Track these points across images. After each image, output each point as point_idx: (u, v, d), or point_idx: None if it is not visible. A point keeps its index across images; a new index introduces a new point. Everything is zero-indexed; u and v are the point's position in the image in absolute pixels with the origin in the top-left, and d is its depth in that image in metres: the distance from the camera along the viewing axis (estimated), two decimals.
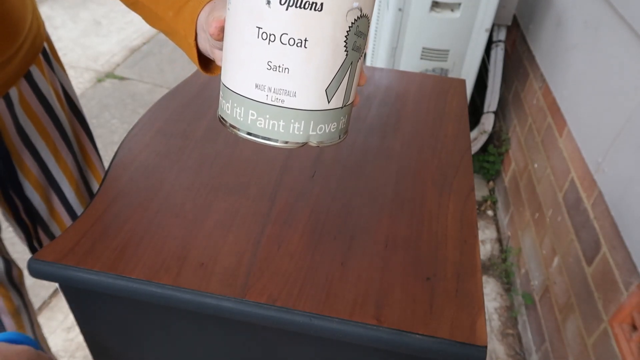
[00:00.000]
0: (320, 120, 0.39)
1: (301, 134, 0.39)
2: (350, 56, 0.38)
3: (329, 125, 0.40)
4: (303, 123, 0.39)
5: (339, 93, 0.39)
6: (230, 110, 0.40)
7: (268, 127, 0.39)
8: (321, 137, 0.40)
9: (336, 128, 0.41)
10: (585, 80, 1.32)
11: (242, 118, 0.39)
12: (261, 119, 0.38)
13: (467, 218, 0.56)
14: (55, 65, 0.72)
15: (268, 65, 0.36)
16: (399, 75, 0.83)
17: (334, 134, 0.41)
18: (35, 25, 0.64)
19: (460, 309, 0.46)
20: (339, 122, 0.41)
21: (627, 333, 0.99)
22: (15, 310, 0.64)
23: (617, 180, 1.08)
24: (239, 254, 0.50)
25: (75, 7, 3.29)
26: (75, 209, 0.77)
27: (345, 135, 0.43)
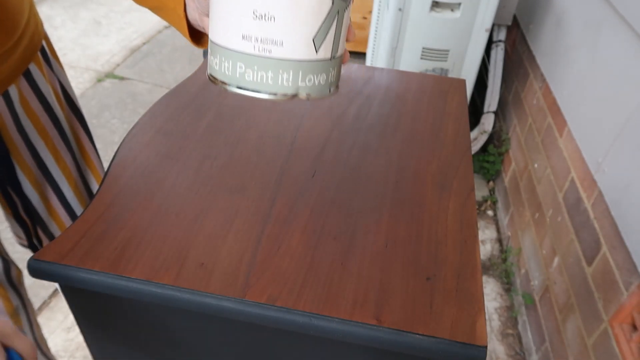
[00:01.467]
0: (309, 70, 0.39)
1: (290, 85, 0.39)
2: (337, 4, 0.38)
3: (317, 76, 0.40)
4: (291, 73, 0.38)
5: (327, 43, 0.39)
6: (219, 65, 0.40)
7: (257, 80, 0.38)
8: (310, 89, 0.40)
9: (325, 80, 0.41)
10: (586, 80, 1.32)
11: (231, 72, 0.39)
12: (249, 71, 0.38)
13: (467, 218, 0.56)
14: (54, 64, 0.72)
15: (254, 14, 0.36)
16: (399, 75, 0.83)
17: (324, 87, 0.41)
18: (33, 22, 0.64)
19: (460, 309, 0.46)
20: (328, 75, 0.41)
21: (627, 333, 0.99)
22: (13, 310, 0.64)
23: (618, 180, 1.08)
24: (239, 254, 0.50)
25: (75, 7, 3.29)
26: (74, 208, 0.77)
27: (336, 91, 0.43)
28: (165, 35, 3.04)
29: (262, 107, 0.71)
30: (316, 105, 0.73)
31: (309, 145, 0.65)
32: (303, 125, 0.69)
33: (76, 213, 0.78)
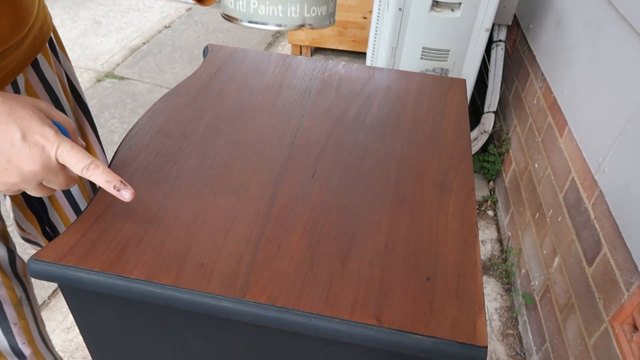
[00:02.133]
0: (313, 2, 0.46)
1: (297, 16, 0.45)
2: None
3: (320, 7, 0.46)
4: (298, 6, 0.45)
5: None
6: (234, 4, 0.46)
7: (268, 13, 0.45)
8: (314, 19, 0.46)
9: (326, 11, 0.48)
10: (586, 80, 1.32)
11: (245, 9, 0.45)
12: (262, 6, 0.45)
13: (467, 218, 0.56)
14: (61, 55, 0.73)
15: None
16: (399, 75, 0.83)
17: (325, 17, 0.48)
18: (42, 14, 0.65)
19: (460, 309, 0.46)
20: (328, 6, 0.48)
21: (628, 333, 0.99)
22: (17, 301, 0.64)
23: (618, 180, 1.08)
24: (239, 254, 0.50)
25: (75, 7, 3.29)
26: (78, 202, 0.77)
27: (334, 20, 0.50)
28: (165, 35, 3.04)
29: (262, 107, 0.71)
30: (316, 105, 0.73)
31: (309, 145, 0.65)
32: (303, 125, 0.69)
33: (80, 207, 0.78)
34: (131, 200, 0.49)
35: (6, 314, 0.63)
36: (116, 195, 0.48)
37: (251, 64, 0.81)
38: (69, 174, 0.48)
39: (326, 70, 0.81)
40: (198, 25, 3.18)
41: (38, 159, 0.44)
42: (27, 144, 0.44)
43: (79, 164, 0.46)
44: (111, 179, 0.47)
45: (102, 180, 0.47)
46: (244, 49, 0.85)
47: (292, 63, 0.82)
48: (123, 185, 0.48)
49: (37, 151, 0.44)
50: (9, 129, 0.43)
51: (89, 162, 0.46)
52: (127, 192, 0.48)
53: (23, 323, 0.65)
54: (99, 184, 0.47)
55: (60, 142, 0.45)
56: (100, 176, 0.47)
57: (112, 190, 0.48)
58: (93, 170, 0.46)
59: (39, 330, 0.69)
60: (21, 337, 0.65)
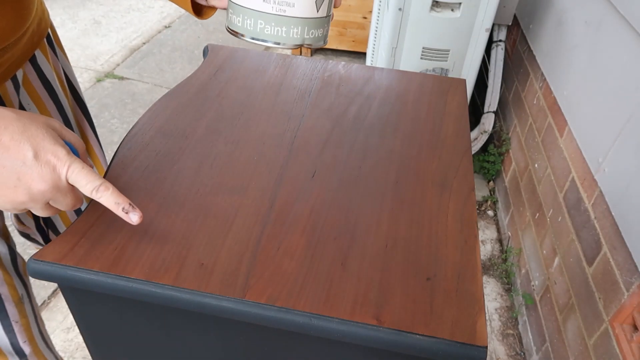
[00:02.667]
0: (312, 26, 0.52)
1: (298, 37, 0.52)
2: None
3: (317, 30, 0.53)
4: (299, 28, 0.51)
5: (324, 5, 0.52)
6: (241, 22, 0.52)
7: (273, 33, 0.51)
8: (312, 40, 0.53)
9: (322, 33, 0.54)
10: (586, 80, 1.32)
11: (252, 27, 0.51)
12: (268, 27, 0.51)
13: (467, 218, 0.56)
14: (59, 52, 0.73)
15: None
16: (399, 75, 0.83)
17: (320, 38, 0.54)
18: (39, 10, 0.65)
19: (460, 309, 0.46)
20: (324, 29, 0.54)
21: (628, 333, 0.99)
22: (18, 299, 0.64)
23: (618, 180, 1.08)
24: (239, 254, 0.50)
25: (75, 7, 3.29)
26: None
27: (327, 41, 0.56)
28: (165, 35, 3.04)
29: (262, 107, 0.71)
30: (316, 105, 0.73)
31: (309, 145, 0.65)
32: (303, 125, 0.69)
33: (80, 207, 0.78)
34: (139, 223, 0.49)
35: (7, 311, 0.63)
36: (124, 217, 0.48)
37: (251, 64, 0.81)
38: (77, 194, 0.48)
39: (326, 70, 0.81)
40: (198, 25, 3.17)
41: (48, 178, 0.44)
42: (39, 163, 0.44)
43: (89, 185, 0.46)
44: (120, 201, 0.47)
45: (111, 202, 0.47)
46: (244, 49, 0.85)
47: (292, 63, 0.82)
48: (132, 207, 0.48)
49: (48, 170, 0.44)
50: (22, 147, 0.43)
51: (98, 183, 0.46)
52: (136, 215, 0.48)
53: (24, 321, 0.65)
54: (108, 206, 0.48)
55: (71, 163, 0.45)
56: (109, 198, 0.47)
57: (120, 212, 0.48)
58: (103, 192, 0.47)
59: (39, 329, 0.69)
60: (22, 335, 0.65)
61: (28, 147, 0.43)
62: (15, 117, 0.44)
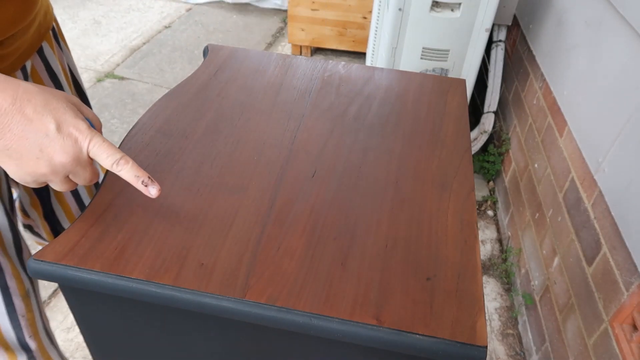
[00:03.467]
0: None
1: None
2: None
3: None
4: None
5: None
6: None
7: None
8: None
9: None
10: (586, 80, 1.32)
11: None
12: None
13: (467, 218, 0.56)
14: (63, 46, 0.74)
15: None
16: (399, 75, 0.83)
17: None
18: (45, 2, 0.67)
19: (460, 309, 0.46)
20: None
21: (628, 333, 0.99)
22: (25, 293, 0.64)
23: (618, 180, 1.08)
24: (239, 254, 0.50)
25: (75, 7, 3.29)
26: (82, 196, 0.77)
27: None
28: (165, 35, 3.04)
29: (262, 107, 0.71)
30: (316, 105, 0.73)
31: (309, 145, 0.65)
32: (303, 125, 0.69)
33: (84, 201, 0.78)
34: (157, 196, 0.49)
35: (15, 305, 0.63)
36: (143, 190, 0.48)
37: (251, 64, 0.81)
38: (95, 169, 0.49)
39: (326, 70, 0.81)
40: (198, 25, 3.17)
41: (70, 151, 0.45)
42: (61, 135, 0.44)
43: (109, 158, 0.46)
44: (140, 174, 0.48)
45: (131, 175, 0.48)
46: (244, 49, 0.85)
47: (292, 63, 0.82)
48: (151, 181, 0.48)
49: (70, 143, 0.45)
50: (45, 119, 0.44)
51: (119, 157, 0.47)
52: (154, 188, 0.49)
53: (30, 315, 0.65)
54: (127, 179, 0.48)
55: (93, 136, 0.46)
56: (129, 171, 0.47)
57: (139, 185, 0.48)
58: (123, 165, 0.47)
59: (43, 325, 0.70)
60: (27, 330, 0.66)
61: (50, 120, 0.44)
62: (38, 91, 0.44)
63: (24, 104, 0.43)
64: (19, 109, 0.43)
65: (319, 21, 2.70)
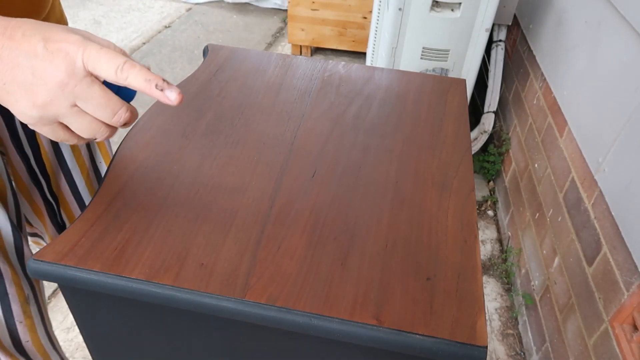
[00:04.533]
0: None
1: None
2: None
3: None
4: None
5: None
6: None
7: None
8: None
9: None
10: (586, 80, 1.32)
11: None
12: None
13: (467, 218, 0.56)
14: None
15: None
16: (399, 75, 0.83)
17: None
18: (58, 9, 0.67)
19: (460, 309, 0.46)
20: None
21: (628, 333, 0.99)
22: (24, 299, 0.64)
23: (618, 180, 1.08)
24: (239, 254, 0.50)
25: (75, 7, 3.29)
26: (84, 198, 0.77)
27: None
28: (165, 35, 3.04)
29: (262, 107, 0.71)
30: (316, 105, 0.73)
31: (309, 145, 0.65)
32: (303, 125, 0.69)
33: (86, 203, 0.78)
34: (179, 102, 0.42)
35: (13, 311, 0.63)
36: (159, 97, 0.41)
37: (251, 64, 0.81)
38: (109, 93, 0.42)
39: (326, 70, 0.81)
40: (198, 25, 3.17)
41: (61, 65, 0.39)
42: (49, 51, 0.40)
43: (110, 64, 0.40)
44: (152, 77, 0.41)
45: (140, 79, 0.41)
46: (244, 48, 0.85)
47: (292, 63, 0.82)
48: (167, 84, 0.41)
49: (60, 56, 0.40)
50: (32, 40, 0.40)
51: (122, 61, 0.40)
52: (173, 92, 0.42)
53: (29, 322, 0.65)
54: (137, 87, 0.41)
55: (86, 45, 0.40)
56: (137, 75, 0.41)
57: (154, 91, 0.41)
58: (128, 70, 0.40)
59: (45, 329, 0.69)
60: (25, 335, 0.66)
61: (38, 39, 0.40)
62: (31, 20, 0.41)
63: (14, 30, 0.40)
64: (9, 36, 0.40)
65: (319, 21, 2.70)
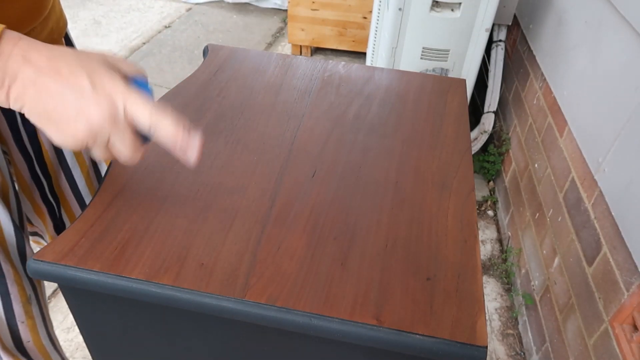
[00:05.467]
0: None
1: None
2: None
3: None
4: None
5: None
6: None
7: None
8: None
9: None
10: (586, 80, 1.32)
11: None
12: None
13: (467, 218, 0.56)
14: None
15: None
16: (399, 75, 0.83)
17: None
18: (58, 9, 0.67)
19: (460, 309, 0.46)
20: None
21: (628, 333, 0.99)
22: (26, 300, 0.64)
23: (618, 180, 1.08)
24: (239, 254, 0.50)
25: (75, 7, 3.29)
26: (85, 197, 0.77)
27: None
28: (165, 35, 3.04)
29: (262, 107, 0.71)
30: (316, 105, 0.73)
31: (309, 145, 0.65)
32: (303, 125, 0.69)
33: (86, 202, 0.78)
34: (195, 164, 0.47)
35: (15, 312, 0.63)
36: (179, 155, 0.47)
37: (251, 64, 0.81)
38: (135, 137, 0.47)
39: (326, 70, 0.81)
40: (198, 25, 3.18)
41: (106, 109, 0.43)
42: (97, 93, 0.43)
43: (146, 111, 0.45)
44: (179, 137, 0.47)
45: (170, 127, 0.46)
46: (244, 48, 0.85)
47: (292, 63, 0.82)
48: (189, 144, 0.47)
49: (106, 101, 0.43)
50: (80, 79, 0.43)
51: (158, 110, 0.45)
52: (192, 155, 0.47)
53: (30, 322, 0.65)
54: (167, 133, 0.46)
55: (129, 94, 0.44)
56: (167, 132, 0.46)
57: (176, 149, 0.47)
58: (162, 120, 0.45)
59: (46, 330, 0.69)
60: (27, 335, 0.66)
61: (85, 78, 0.43)
62: (72, 52, 0.44)
63: (60, 63, 0.43)
64: (56, 69, 0.42)
65: (319, 21, 2.70)
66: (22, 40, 0.42)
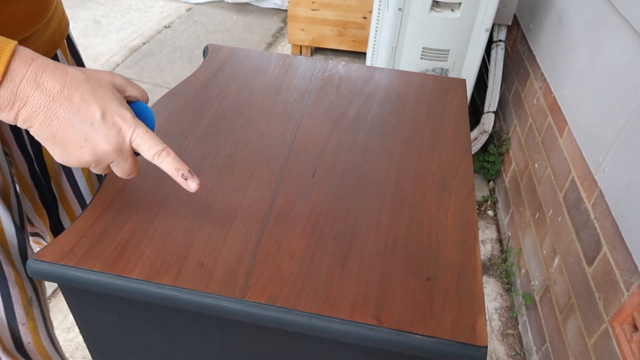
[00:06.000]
0: None
1: None
2: None
3: None
4: None
5: None
6: None
7: None
8: None
9: None
10: (586, 80, 1.32)
11: None
12: None
13: (467, 218, 0.56)
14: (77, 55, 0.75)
15: None
16: (399, 75, 0.83)
17: None
18: (60, 9, 0.67)
19: (460, 309, 0.46)
20: None
21: (628, 333, 0.99)
22: (27, 301, 0.64)
23: (618, 180, 1.08)
24: (239, 254, 0.50)
25: (75, 7, 3.29)
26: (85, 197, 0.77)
27: None
28: (165, 35, 3.04)
29: (262, 107, 0.71)
30: (316, 105, 0.73)
31: (309, 145, 0.65)
32: (303, 125, 0.69)
33: (87, 202, 0.78)
34: (196, 191, 0.49)
35: (15, 313, 0.63)
36: (182, 183, 0.48)
37: (251, 64, 0.81)
38: (136, 162, 0.49)
39: (326, 70, 0.81)
40: (198, 25, 3.17)
41: (114, 140, 0.45)
42: (106, 124, 0.45)
43: (151, 150, 0.47)
44: (180, 167, 0.48)
45: (171, 167, 0.48)
46: (244, 48, 0.85)
47: (292, 63, 0.82)
48: (190, 174, 0.48)
49: (114, 132, 0.45)
50: (91, 108, 0.44)
51: (161, 148, 0.47)
52: (194, 182, 0.48)
53: (31, 324, 0.65)
54: (167, 171, 0.48)
55: (136, 126, 0.46)
56: (170, 163, 0.48)
57: (179, 178, 0.48)
58: (164, 157, 0.47)
59: (47, 331, 0.69)
60: (27, 337, 0.66)
61: (96, 108, 0.44)
62: (85, 78, 0.45)
63: (72, 91, 0.43)
64: (67, 96, 0.43)
65: (319, 21, 2.70)
66: (36, 62, 0.43)
